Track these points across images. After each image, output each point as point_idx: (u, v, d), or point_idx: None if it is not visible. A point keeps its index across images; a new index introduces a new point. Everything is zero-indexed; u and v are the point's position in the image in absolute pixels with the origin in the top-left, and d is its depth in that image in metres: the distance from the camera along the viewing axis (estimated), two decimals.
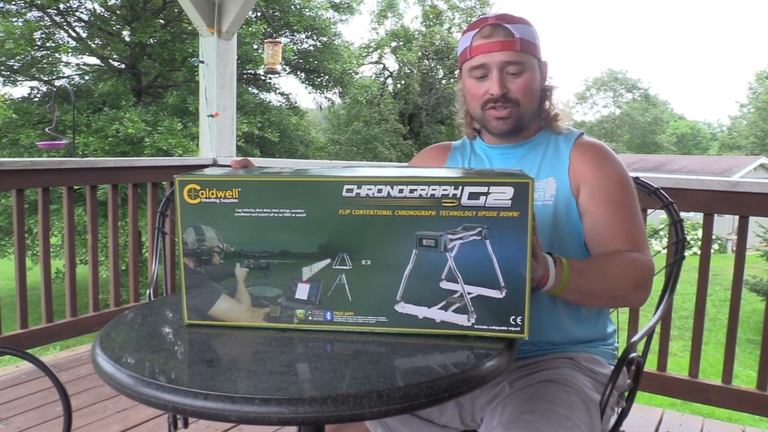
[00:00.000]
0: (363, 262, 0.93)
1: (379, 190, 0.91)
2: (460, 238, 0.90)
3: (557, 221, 1.21)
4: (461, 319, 0.93)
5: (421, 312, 0.93)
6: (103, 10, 13.41)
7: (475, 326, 0.93)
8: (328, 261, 0.94)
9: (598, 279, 1.12)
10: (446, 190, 0.89)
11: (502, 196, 0.88)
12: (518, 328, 0.92)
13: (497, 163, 1.31)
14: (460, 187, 0.89)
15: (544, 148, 1.28)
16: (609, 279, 1.13)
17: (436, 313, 0.93)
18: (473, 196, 0.89)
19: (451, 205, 0.90)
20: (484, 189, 0.88)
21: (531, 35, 1.22)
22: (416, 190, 0.90)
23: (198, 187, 0.94)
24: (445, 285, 0.92)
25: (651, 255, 1.19)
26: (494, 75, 1.21)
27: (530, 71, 1.22)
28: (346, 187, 0.91)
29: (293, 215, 0.93)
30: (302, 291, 0.95)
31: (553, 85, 1.31)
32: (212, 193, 0.94)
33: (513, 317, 0.92)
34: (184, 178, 0.94)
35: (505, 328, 0.92)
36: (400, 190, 0.90)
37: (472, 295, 0.92)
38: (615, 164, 1.24)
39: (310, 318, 0.96)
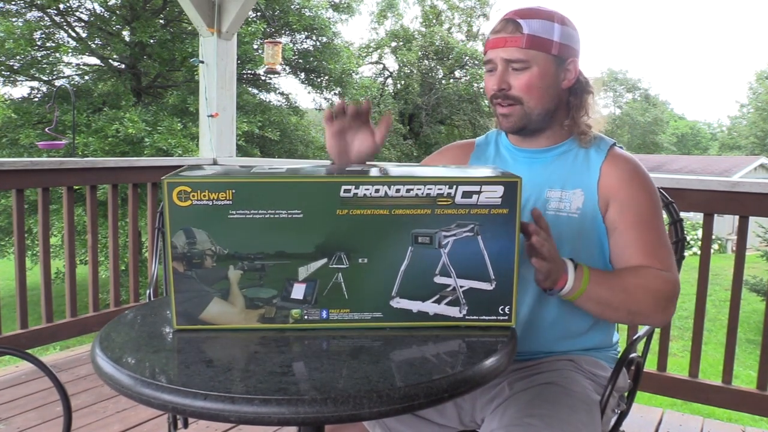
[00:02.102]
0: (360, 260, 0.94)
1: (377, 190, 0.92)
2: (454, 235, 0.94)
3: (581, 235, 1.19)
4: (453, 311, 0.97)
5: (415, 306, 0.96)
6: (103, 10, 13.40)
7: (467, 317, 0.97)
8: (324, 260, 0.94)
9: (619, 291, 1.10)
10: (441, 189, 0.93)
11: (492, 194, 0.93)
12: (506, 317, 0.97)
13: (521, 167, 1.26)
14: (455, 187, 0.93)
15: (574, 157, 1.24)
16: (630, 293, 1.11)
17: (429, 307, 0.96)
18: (466, 194, 0.93)
19: (445, 203, 0.93)
20: (476, 188, 0.93)
21: (545, 31, 1.17)
22: (413, 189, 0.92)
23: (189, 189, 0.92)
24: (438, 279, 0.95)
25: (678, 275, 1.17)
26: (498, 70, 1.19)
27: (537, 68, 1.17)
28: (343, 187, 0.92)
29: (290, 216, 0.92)
30: (298, 291, 0.95)
31: (586, 89, 1.25)
32: (204, 195, 0.92)
33: (501, 307, 0.97)
34: (173, 180, 0.92)
35: (494, 317, 0.97)
36: (397, 190, 0.92)
37: (464, 288, 0.96)
38: (646, 182, 1.20)
39: (305, 317, 0.96)
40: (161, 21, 13.46)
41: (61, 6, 12.77)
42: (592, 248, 1.20)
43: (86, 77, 14.10)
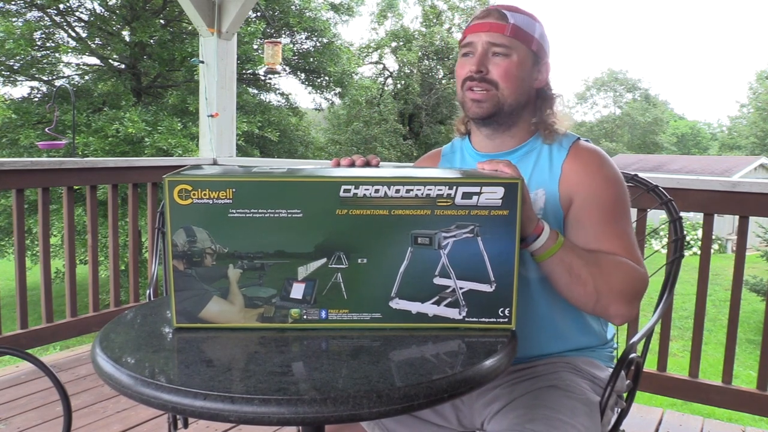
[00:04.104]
0: (359, 260, 0.94)
1: (377, 191, 0.92)
2: (454, 236, 0.94)
3: None
4: (453, 313, 0.96)
5: (414, 307, 0.96)
6: (103, 10, 13.40)
7: (466, 319, 0.97)
8: (324, 260, 0.94)
9: (592, 265, 1.07)
10: (441, 190, 0.92)
11: (493, 195, 0.93)
12: (506, 319, 0.97)
13: None
14: (455, 187, 0.92)
15: (536, 157, 1.22)
16: (603, 271, 1.07)
17: (429, 308, 0.96)
18: (466, 195, 0.93)
19: (445, 204, 0.93)
20: (476, 189, 0.93)
21: (528, 26, 1.19)
22: (412, 190, 0.92)
23: (189, 188, 0.92)
24: (438, 281, 0.95)
25: (647, 271, 1.15)
26: (477, 53, 1.19)
27: (517, 57, 1.18)
28: (343, 187, 0.92)
29: (290, 215, 0.92)
30: (297, 290, 0.95)
31: (555, 93, 1.26)
32: (205, 194, 0.92)
33: (501, 309, 0.97)
34: (174, 179, 0.92)
35: (494, 319, 0.97)
36: (397, 191, 0.92)
37: (463, 290, 0.95)
38: (609, 176, 1.18)
39: (304, 317, 0.96)
40: (161, 21, 13.46)
41: (61, 6, 12.77)
42: None
43: (86, 77, 14.10)
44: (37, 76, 13.18)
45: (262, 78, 15.54)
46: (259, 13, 14.33)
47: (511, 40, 1.17)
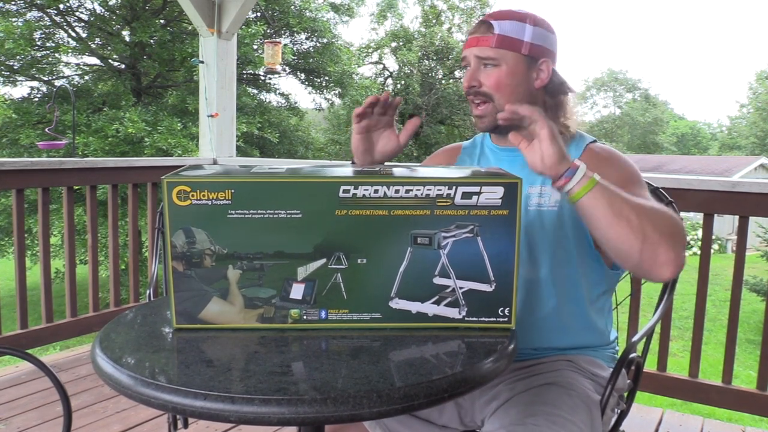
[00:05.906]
0: (358, 260, 0.94)
1: (376, 191, 0.92)
2: (453, 236, 0.94)
3: (562, 226, 1.20)
4: (453, 313, 0.96)
5: (414, 307, 0.96)
6: (103, 10, 13.40)
7: (466, 318, 0.97)
8: (323, 261, 0.94)
9: (635, 204, 1.01)
10: (441, 190, 0.92)
11: (492, 195, 0.93)
12: (506, 319, 0.97)
13: (503, 166, 1.26)
14: (454, 187, 0.92)
15: None
16: (646, 210, 1.02)
17: (429, 308, 0.96)
18: (466, 195, 0.93)
19: (445, 204, 0.93)
20: (476, 189, 0.92)
21: (516, 31, 1.19)
22: (412, 190, 0.92)
23: (188, 189, 0.92)
24: (438, 281, 0.95)
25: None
26: (471, 68, 1.23)
27: (506, 66, 1.20)
28: (342, 187, 0.92)
29: (289, 216, 0.92)
30: (297, 291, 0.95)
31: (562, 90, 1.26)
32: (203, 195, 0.92)
33: (501, 308, 0.97)
34: (173, 180, 0.92)
35: (494, 319, 0.97)
36: (396, 191, 0.92)
37: (463, 290, 0.95)
38: (625, 164, 1.20)
39: (304, 317, 0.96)
40: (161, 21, 13.46)
41: (61, 6, 12.77)
42: (574, 238, 1.20)
43: (86, 77, 14.11)
44: (37, 76, 13.18)
45: (262, 78, 15.53)
46: (259, 14, 14.32)
47: (497, 51, 1.20)
